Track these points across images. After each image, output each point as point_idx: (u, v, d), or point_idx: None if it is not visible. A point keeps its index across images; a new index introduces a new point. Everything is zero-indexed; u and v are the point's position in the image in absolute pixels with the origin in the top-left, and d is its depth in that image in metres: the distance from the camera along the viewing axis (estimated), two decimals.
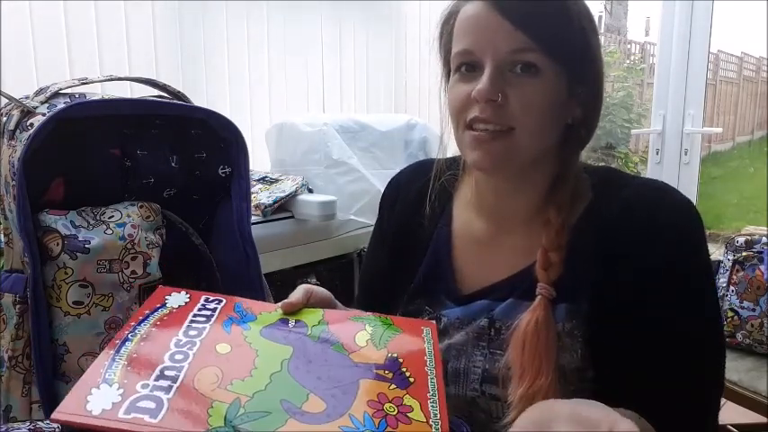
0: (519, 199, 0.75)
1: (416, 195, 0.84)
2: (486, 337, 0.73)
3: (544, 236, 0.71)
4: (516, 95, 0.67)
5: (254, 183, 1.66)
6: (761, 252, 1.59)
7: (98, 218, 0.74)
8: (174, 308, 0.57)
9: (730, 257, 1.65)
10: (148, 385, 0.46)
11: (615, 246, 0.68)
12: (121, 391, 0.45)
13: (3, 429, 0.60)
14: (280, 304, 0.64)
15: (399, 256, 0.84)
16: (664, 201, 0.70)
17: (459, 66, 0.70)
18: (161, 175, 0.84)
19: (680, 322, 0.67)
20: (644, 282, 0.67)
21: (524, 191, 0.74)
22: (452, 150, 0.79)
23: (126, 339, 0.51)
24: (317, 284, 0.75)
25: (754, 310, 1.58)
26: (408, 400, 0.52)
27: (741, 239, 1.63)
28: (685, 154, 2.24)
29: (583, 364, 0.68)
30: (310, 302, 0.67)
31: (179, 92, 0.87)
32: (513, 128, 0.67)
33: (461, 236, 0.80)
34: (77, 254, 0.70)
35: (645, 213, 0.69)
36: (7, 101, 0.73)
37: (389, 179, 0.93)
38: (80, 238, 0.71)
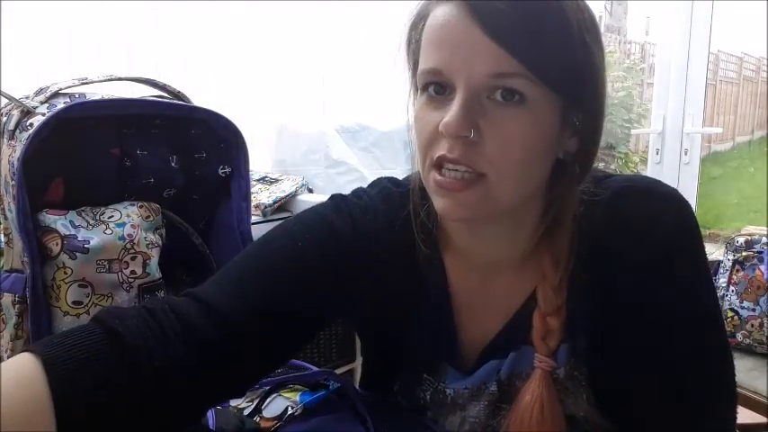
0: (504, 245, 0.63)
1: (394, 238, 0.65)
2: (495, 399, 0.65)
3: (540, 295, 0.60)
4: (493, 131, 0.53)
5: (254, 183, 1.66)
6: (761, 252, 1.59)
7: (98, 218, 0.74)
8: None
9: (730, 257, 1.65)
10: None
11: (609, 269, 0.60)
12: None
13: None
14: None
15: (371, 304, 0.67)
16: (646, 199, 0.61)
17: (427, 85, 0.55)
18: (161, 175, 0.84)
19: (683, 338, 0.60)
20: (642, 301, 0.59)
21: (509, 235, 0.62)
22: None
23: None
24: None
25: (754, 310, 1.58)
26: None
27: (741, 239, 1.63)
28: (685, 154, 2.24)
29: (588, 408, 0.62)
30: None
31: (179, 92, 0.87)
32: (486, 174, 0.54)
33: (457, 290, 0.67)
34: (77, 254, 0.70)
35: (626, 218, 0.60)
36: (7, 101, 0.73)
37: (339, 196, 0.69)
38: (79, 238, 0.71)
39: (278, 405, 0.70)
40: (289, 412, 0.67)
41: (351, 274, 0.63)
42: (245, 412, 0.70)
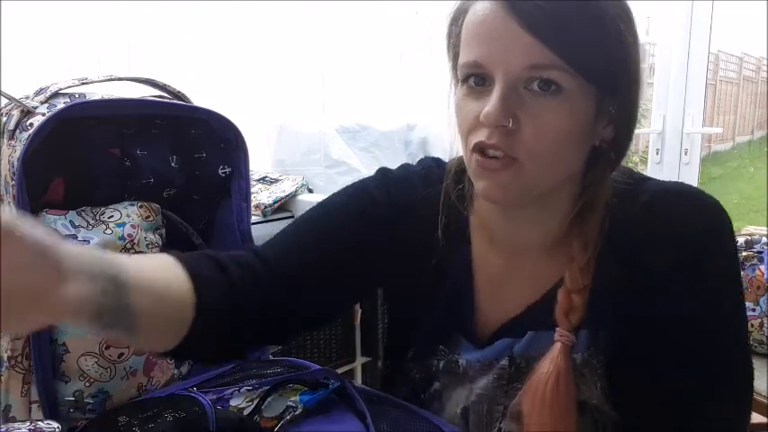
0: (536, 227, 0.66)
1: (426, 213, 0.70)
2: (507, 376, 0.67)
3: (567, 275, 0.62)
4: (531, 120, 0.55)
5: (254, 183, 1.66)
6: (761, 252, 1.59)
7: (98, 218, 0.74)
8: None
9: None
10: None
11: (631, 258, 0.61)
12: None
13: (3, 429, 0.60)
14: None
15: (398, 269, 0.72)
16: (682, 202, 0.62)
17: (467, 77, 0.58)
18: (161, 175, 0.84)
19: (705, 344, 0.60)
20: (668, 302, 0.60)
21: (541, 219, 0.65)
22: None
23: None
24: None
25: (754, 310, 1.58)
26: None
27: (741, 239, 1.63)
28: (685, 154, 2.24)
29: (602, 396, 0.63)
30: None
31: (179, 92, 0.87)
32: (520, 159, 0.57)
33: (480, 267, 0.70)
34: None
35: (661, 219, 0.61)
36: (7, 101, 0.73)
37: (385, 168, 0.77)
38: (80, 238, 0.71)
39: (278, 405, 0.70)
40: (289, 412, 0.67)
41: (383, 240, 0.70)
42: (245, 412, 0.70)
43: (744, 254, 1.62)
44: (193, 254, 0.61)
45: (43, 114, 0.69)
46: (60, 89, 0.75)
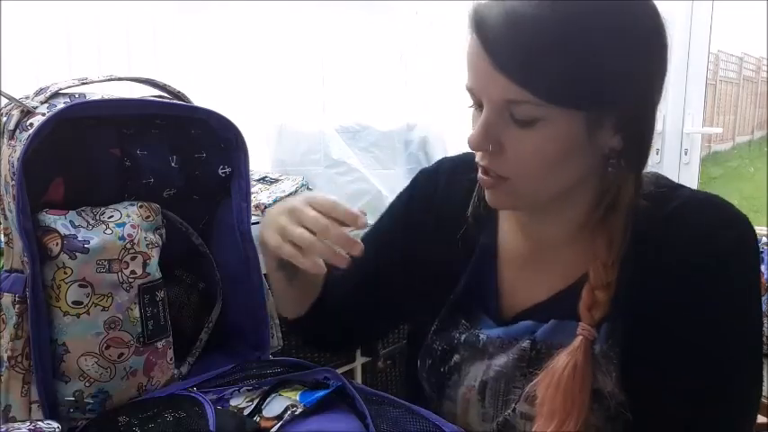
0: (557, 222, 0.70)
1: (461, 194, 0.76)
2: (527, 359, 0.69)
3: (591, 271, 0.65)
4: (512, 146, 0.59)
5: (254, 183, 1.66)
6: (761, 252, 1.59)
7: (98, 218, 0.74)
8: None
9: None
10: None
11: (656, 259, 0.63)
12: None
13: (2, 429, 0.60)
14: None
15: (433, 255, 0.78)
16: (709, 212, 0.64)
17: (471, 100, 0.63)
18: (161, 175, 0.84)
19: (719, 348, 0.62)
20: (687, 303, 0.62)
21: (563, 214, 0.69)
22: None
23: None
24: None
25: None
26: None
27: None
28: (685, 154, 2.24)
29: (616, 388, 0.65)
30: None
31: (179, 92, 0.87)
32: (509, 178, 0.61)
33: (505, 251, 0.75)
34: (77, 254, 0.70)
35: (687, 226, 0.63)
36: (7, 101, 0.73)
37: (426, 168, 0.85)
38: (79, 238, 0.71)
39: (278, 404, 0.70)
40: (289, 412, 0.67)
41: (427, 202, 0.81)
42: (245, 412, 0.70)
43: None
44: None
45: (43, 114, 0.69)
46: (60, 89, 0.75)
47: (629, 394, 0.64)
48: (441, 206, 0.79)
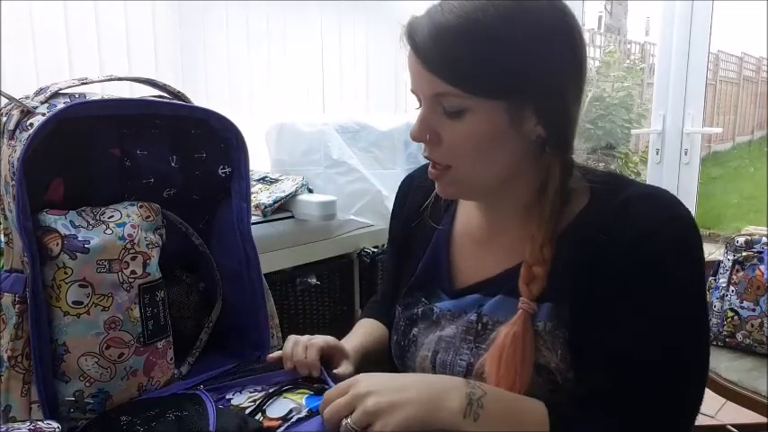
0: (505, 206, 0.76)
1: (423, 195, 0.87)
2: (474, 332, 0.76)
3: (528, 250, 0.71)
4: (446, 136, 0.69)
5: (254, 183, 1.66)
6: (761, 252, 1.59)
7: (98, 218, 0.74)
8: None
9: (730, 257, 1.65)
10: None
11: (600, 249, 0.68)
12: None
13: (3, 429, 0.60)
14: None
15: (405, 254, 0.88)
16: (653, 206, 0.68)
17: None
18: (161, 175, 0.84)
19: (660, 331, 0.66)
20: (628, 288, 0.66)
21: (507, 200, 0.75)
22: None
23: None
24: (317, 284, 0.78)
25: (754, 310, 1.58)
26: None
27: (741, 239, 1.63)
28: (685, 154, 2.24)
29: (562, 364, 0.69)
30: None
31: (179, 92, 0.87)
32: (450, 165, 0.70)
33: (461, 234, 0.83)
34: (77, 254, 0.70)
35: (631, 219, 0.67)
36: (7, 101, 0.73)
37: (403, 178, 0.96)
38: (80, 238, 0.71)
39: (282, 406, 0.70)
40: (294, 414, 0.67)
41: (401, 209, 0.92)
42: (247, 411, 0.70)
43: (744, 254, 1.62)
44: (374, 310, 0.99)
45: (43, 114, 0.69)
46: (60, 89, 0.75)
47: (575, 371, 0.69)
48: (410, 206, 0.90)
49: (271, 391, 0.73)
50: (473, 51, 0.64)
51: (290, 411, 0.68)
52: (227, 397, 0.74)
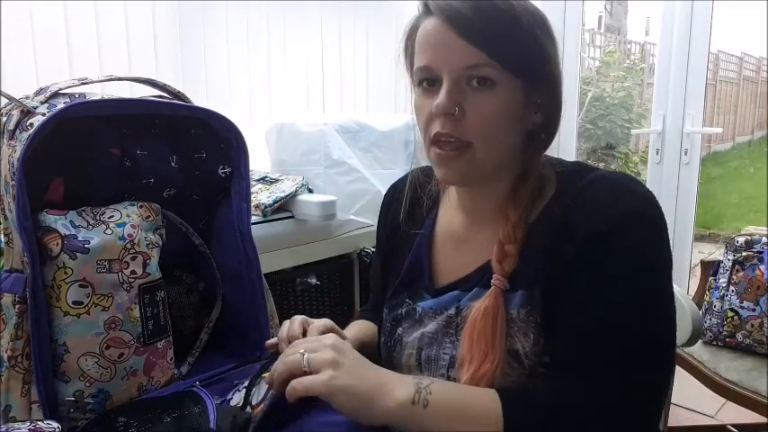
0: (488, 198, 0.79)
1: (407, 201, 0.90)
2: (454, 325, 0.78)
3: (501, 230, 0.74)
4: (473, 109, 0.69)
5: (254, 183, 1.66)
6: (761, 252, 1.59)
7: (98, 218, 0.74)
8: None
9: (730, 257, 1.65)
10: None
11: (569, 235, 0.70)
12: None
13: (3, 429, 0.60)
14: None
15: (391, 259, 0.91)
16: (612, 187, 0.70)
17: (422, 81, 0.73)
18: (161, 175, 0.84)
19: (624, 312, 0.67)
20: (579, 263, 0.68)
21: (492, 191, 0.78)
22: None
23: None
24: (317, 284, 0.78)
25: (754, 310, 1.58)
26: None
27: (741, 239, 1.63)
28: (685, 154, 2.24)
29: (536, 348, 0.70)
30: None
31: (179, 92, 0.87)
32: (472, 143, 0.70)
33: (443, 234, 0.86)
34: (77, 254, 0.70)
35: (591, 199, 0.70)
36: (7, 101, 0.73)
37: (389, 186, 0.97)
38: (80, 238, 0.71)
39: (261, 389, 0.70)
40: (271, 392, 0.67)
41: (386, 215, 0.94)
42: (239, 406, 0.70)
43: (744, 254, 1.62)
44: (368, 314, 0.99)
45: (43, 114, 0.69)
46: (60, 89, 0.75)
47: (550, 355, 0.70)
48: (393, 213, 0.92)
49: (251, 379, 0.73)
50: (512, 27, 0.68)
51: (269, 390, 0.68)
52: (228, 398, 0.74)
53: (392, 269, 0.90)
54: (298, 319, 0.80)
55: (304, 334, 0.77)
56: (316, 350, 0.65)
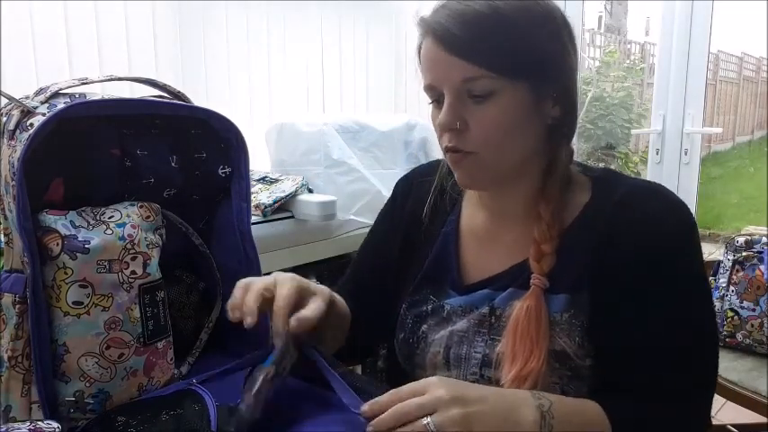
0: (514, 196, 0.79)
1: (428, 192, 0.89)
2: (487, 324, 0.78)
3: (535, 229, 0.75)
4: (474, 121, 0.71)
5: (254, 183, 1.66)
6: (761, 252, 1.59)
7: (98, 218, 0.74)
8: None
9: (730, 257, 1.65)
10: None
11: (610, 240, 0.72)
12: None
13: (3, 429, 0.60)
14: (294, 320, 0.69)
15: (410, 248, 0.89)
16: (656, 199, 0.73)
17: (430, 98, 0.76)
18: (161, 175, 0.84)
19: (667, 318, 0.70)
20: (635, 275, 0.70)
21: (518, 189, 0.78)
22: None
23: None
24: (317, 283, 0.77)
25: (754, 310, 1.58)
26: None
27: (741, 239, 1.63)
28: (685, 154, 2.24)
29: (580, 351, 0.72)
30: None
31: (179, 92, 0.87)
32: (475, 152, 0.72)
33: (467, 231, 0.85)
34: (77, 254, 0.70)
35: (638, 211, 0.72)
36: (7, 101, 0.73)
37: (403, 175, 0.98)
38: (80, 238, 0.71)
39: (254, 376, 0.70)
40: (262, 377, 0.67)
41: (404, 201, 0.93)
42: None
43: (744, 254, 1.62)
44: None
45: (43, 114, 0.69)
46: (60, 89, 0.75)
47: (594, 358, 0.72)
48: (414, 204, 0.91)
49: (247, 374, 0.73)
50: (501, 33, 0.68)
51: (263, 381, 0.68)
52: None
53: (412, 263, 0.88)
54: (254, 288, 0.70)
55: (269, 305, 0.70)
56: (436, 408, 0.58)
